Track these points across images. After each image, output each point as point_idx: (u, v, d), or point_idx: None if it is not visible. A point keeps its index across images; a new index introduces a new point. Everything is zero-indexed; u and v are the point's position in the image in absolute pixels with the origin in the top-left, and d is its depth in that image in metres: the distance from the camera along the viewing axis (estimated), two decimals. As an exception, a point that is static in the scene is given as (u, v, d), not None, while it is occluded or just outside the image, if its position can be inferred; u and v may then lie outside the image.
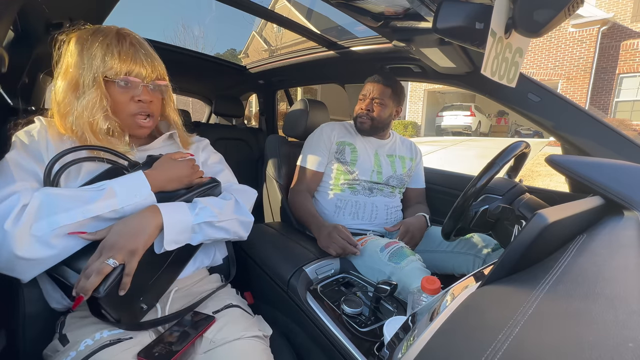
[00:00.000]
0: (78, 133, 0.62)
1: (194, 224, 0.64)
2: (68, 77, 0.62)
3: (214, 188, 0.73)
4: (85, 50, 0.61)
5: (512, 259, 0.39)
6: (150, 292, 0.64)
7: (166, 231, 0.60)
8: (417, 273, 0.82)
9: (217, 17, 33.58)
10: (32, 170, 0.58)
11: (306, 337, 0.76)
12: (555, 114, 0.98)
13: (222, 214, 0.69)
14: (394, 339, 0.49)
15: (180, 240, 0.63)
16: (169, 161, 0.68)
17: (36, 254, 0.51)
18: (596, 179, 0.63)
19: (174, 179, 0.67)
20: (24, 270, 0.53)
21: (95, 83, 0.61)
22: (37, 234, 0.51)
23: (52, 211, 0.53)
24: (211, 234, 0.68)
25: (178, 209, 0.63)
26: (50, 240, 0.52)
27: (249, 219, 0.76)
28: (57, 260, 0.54)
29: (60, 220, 0.53)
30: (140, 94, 0.66)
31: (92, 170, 0.63)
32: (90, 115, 0.61)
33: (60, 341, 0.57)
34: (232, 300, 0.73)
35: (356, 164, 1.19)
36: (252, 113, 11.04)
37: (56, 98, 0.63)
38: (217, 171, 0.83)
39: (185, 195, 0.67)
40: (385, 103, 1.19)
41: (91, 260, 0.54)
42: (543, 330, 0.26)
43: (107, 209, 0.57)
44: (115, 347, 0.54)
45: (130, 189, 0.60)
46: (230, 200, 0.73)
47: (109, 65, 0.61)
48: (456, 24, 0.69)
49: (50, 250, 0.53)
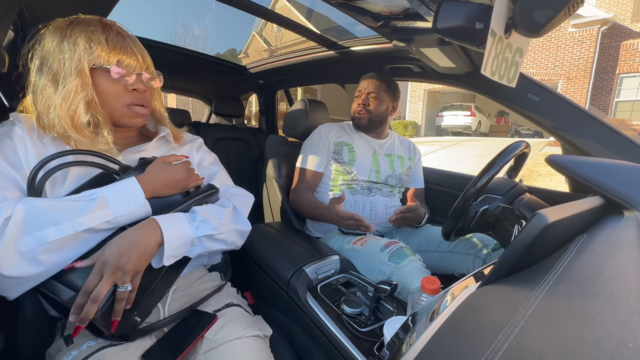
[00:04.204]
0: (60, 130, 0.57)
1: (193, 237, 0.60)
2: (45, 69, 0.57)
3: (212, 195, 0.70)
4: (66, 39, 0.57)
5: (512, 259, 0.39)
6: (144, 304, 0.60)
7: (166, 247, 0.56)
8: (417, 273, 0.82)
9: (217, 17, 33.58)
10: (11, 178, 0.53)
11: (306, 337, 0.76)
12: (555, 114, 0.98)
13: (222, 225, 0.65)
14: (394, 339, 0.49)
15: (179, 254, 0.59)
16: (163, 165, 0.63)
17: (22, 271, 0.47)
18: (596, 179, 0.63)
19: (169, 184, 0.63)
20: (9, 288, 0.49)
21: (76, 72, 0.57)
22: (22, 250, 0.47)
23: (38, 225, 0.48)
24: (210, 246, 0.64)
25: (177, 223, 0.59)
26: (38, 257, 0.48)
27: (247, 228, 0.73)
28: (45, 277, 0.50)
29: (48, 235, 0.48)
30: (134, 83, 0.63)
31: (80, 175, 0.58)
32: (70, 105, 0.57)
33: (65, 341, 0.57)
34: (232, 299, 0.73)
35: (354, 164, 1.19)
36: (252, 113, 11.04)
37: (34, 93, 0.58)
38: (212, 173, 0.80)
39: (183, 205, 0.63)
40: (380, 97, 1.20)
41: (91, 281, 0.50)
42: (543, 330, 0.26)
43: (100, 220, 0.52)
44: (116, 347, 0.54)
45: (123, 198, 0.55)
46: (229, 208, 0.70)
47: (96, 54, 0.57)
48: (456, 24, 0.69)
49: (39, 267, 0.48)
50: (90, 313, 0.49)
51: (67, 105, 0.57)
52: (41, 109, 0.57)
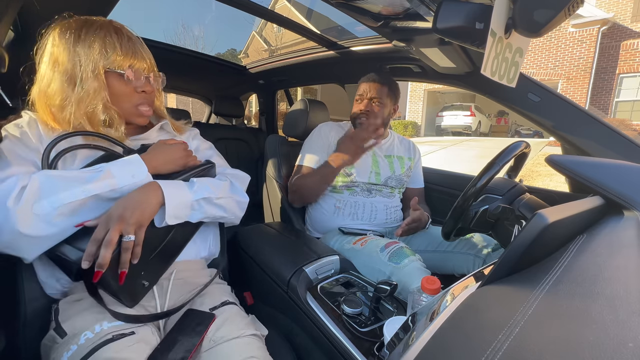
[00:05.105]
0: (75, 124, 0.62)
1: (193, 200, 0.65)
2: (60, 68, 0.62)
3: (209, 169, 0.76)
4: (81, 42, 0.61)
5: (512, 259, 0.39)
6: (150, 268, 0.64)
7: (167, 205, 0.61)
8: (417, 273, 0.82)
9: (217, 17, 33.59)
10: (27, 158, 0.59)
11: (306, 337, 0.76)
12: (555, 114, 0.98)
13: (220, 191, 0.71)
14: (394, 339, 0.49)
15: (181, 215, 0.64)
16: (163, 145, 0.70)
17: (39, 231, 0.53)
18: (596, 179, 0.63)
19: (169, 161, 0.69)
20: (27, 248, 0.54)
21: (93, 75, 0.62)
22: (39, 213, 0.52)
23: (52, 191, 0.54)
24: (210, 211, 0.69)
25: (177, 186, 0.65)
26: (53, 219, 0.53)
27: (244, 199, 0.79)
28: (60, 239, 0.55)
29: (61, 198, 0.54)
30: (143, 86, 0.69)
31: (88, 156, 0.63)
32: (89, 105, 0.62)
33: (57, 332, 0.56)
34: (228, 297, 0.73)
35: (353, 166, 1.19)
36: (252, 113, 11.05)
37: (46, 91, 0.62)
38: (208, 156, 0.85)
39: (182, 176, 0.69)
40: (383, 102, 1.18)
41: (98, 232, 0.54)
42: (543, 330, 0.26)
43: (107, 188, 0.58)
44: (118, 343, 0.53)
45: (127, 170, 0.61)
46: (226, 182, 0.76)
47: (112, 59, 0.63)
48: (456, 24, 0.69)
49: (53, 228, 0.54)
50: (106, 257, 0.53)
51: (85, 105, 0.62)
52: (56, 105, 0.62)
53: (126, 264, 0.56)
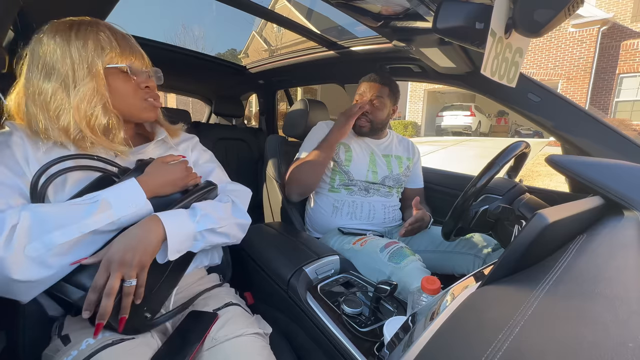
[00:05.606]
0: (74, 134, 0.57)
1: (196, 232, 0.62)
2: (54, 73, 0.57)
3: (211, 192, 0.72)
4: (72, 43, 0.57)
5: (512, 259, 0.39)
6: (153, 300, 0.62)
7: (169, 242, 0.57)
8: (417, 273, 0.82)
9: (217, 17, 33.60)
10: (14, 186, 0.54)
11: (306, 337, 0.76)
12: (555, 114, 0.98)
13: (222, 219, 0.67)
14: (394, 339, 0.49)
15: (183, 249, 0.61)
16: (161, 165, 0.65)
17: (33, 275, 0.49)
18: (596, 179, 0.63)
19: (168, 183, 0.64)
20: (23, 292, 0.50)
21: (90, 75, 0.58)
22: (32, 255, 0.48)
23: (45, 230, 0.49)
24: (212, 240, 0.66)
25: (179, 218, 0.61)
26: (47, 260, 0.49)
27: (246, 221, 0.76)
28: (56, 280, 0.52)
29: (55, 239, 0.50)
30: (146, 81, 0.66)
31: (80, 179, 0.59)
32: (88, 108, 0.58)
33: (62, 341, 0.56)
34: (231, 298, 0.73)
35: (350, 164, 1.19)
36: (252, 113, 11.04)
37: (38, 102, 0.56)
38: (209, 171, 0.82)
39: (183, 202, 0.65)
40: (383, 103, 1.18)
41: (99, 279, 0.51)
42: (543, 330, 0.26)
43: (105, 221, 0.54)
44: (118, 347, 0.54)
45: (125, 199, 0.57)
46: (228, 203, 0.72)
47: (109, 56, 0.59)
48: (456, 24, 0.69)
49: (48, 271, 0.50)
50: (108, 307, 0.51)
51: (84, 109, 0.58)
52: (50, 116, 0.57)
53: (127, 309, 0.54)
